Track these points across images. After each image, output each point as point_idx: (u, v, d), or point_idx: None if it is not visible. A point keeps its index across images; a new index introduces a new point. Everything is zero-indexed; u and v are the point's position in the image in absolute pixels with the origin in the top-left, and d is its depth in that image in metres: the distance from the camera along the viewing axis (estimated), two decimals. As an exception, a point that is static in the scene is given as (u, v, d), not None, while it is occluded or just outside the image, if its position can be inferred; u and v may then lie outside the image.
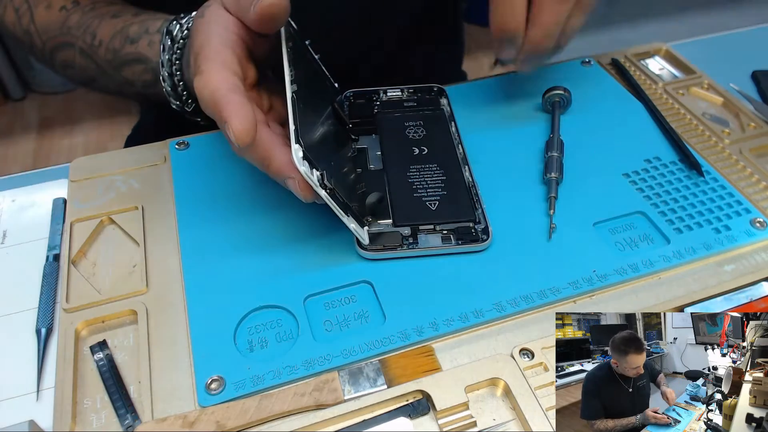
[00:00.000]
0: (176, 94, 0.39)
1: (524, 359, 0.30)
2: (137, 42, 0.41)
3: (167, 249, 0.36)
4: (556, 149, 0.39)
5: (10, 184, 0.43)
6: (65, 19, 0.44)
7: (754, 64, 0.53)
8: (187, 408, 0.28)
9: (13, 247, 0.38)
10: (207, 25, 0.33)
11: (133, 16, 0.42)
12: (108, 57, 0.42)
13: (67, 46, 0.43)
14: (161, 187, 0.39)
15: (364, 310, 0.32)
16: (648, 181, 0.39)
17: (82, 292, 0.33)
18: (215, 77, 0.30)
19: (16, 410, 0.30)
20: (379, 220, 0.35)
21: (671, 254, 0.35)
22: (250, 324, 0.32)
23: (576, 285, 0.33)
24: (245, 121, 0.29)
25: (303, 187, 0.31)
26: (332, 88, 0.42)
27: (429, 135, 0.41)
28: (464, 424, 0.28)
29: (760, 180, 0.39)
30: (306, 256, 0.35)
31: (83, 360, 0.31)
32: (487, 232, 0.35)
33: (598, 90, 0.47)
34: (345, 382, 0.29)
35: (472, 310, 0.32)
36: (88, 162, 0.41)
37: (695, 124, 0.44)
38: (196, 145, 0.42)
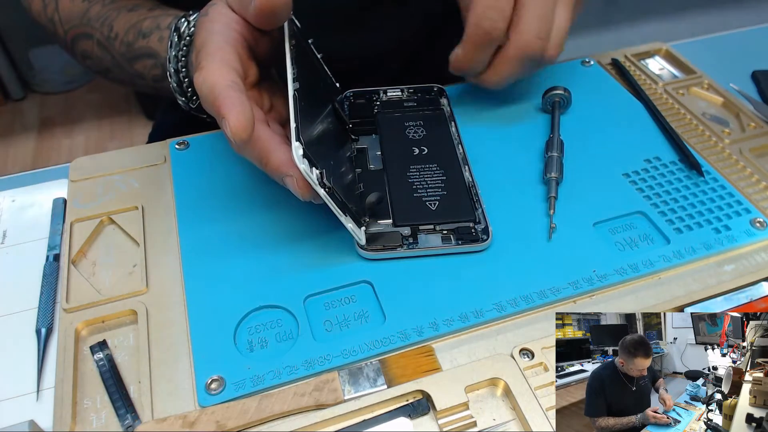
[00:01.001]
0: (182, 90, 0.39)
1: (524, 359, 0.30)
2: (149, 37, 0.41)
3: (167, 249, 0.36)
4: (556, 149, 0.39)
5: (10, 184, 0.43)
6: (86, 10, 0.44)
7: (754, 64, 0.53)
8: (187, 408, 0.28)
9: (13, 247, 0.38)
10: (210, 23, 0.33)
11: (148, 11, 0.43)
12: (122, 50, 0.43)
13: (86, 37, 0.44)
14: (161, 187, 0.39)
15: (364, 310, 0.32)
16: (648, 181, 0.39)
17: (82, 292, 0.33)
18: (214, 73, 0.30)
19: (16, 410, 0.30)
20: (379, 220, 0.35)
21: (671, 254, 0.35)
22: (250, 324, 0.32)
23: (576, 285, 0.33)
24: (242, 117, 0.29)
25: (301, 185, 0.31)
26: (333, 88, 0.42)
27: (429, 135, 0.41)
28: (464, 424, 0.28)
29: (760, 180, 0.39)
30: (306, 256, 0.35)
31: (83, 360, 0.31)
32: (487, 232, 0.35)
33: (598, 90, 0.47)
34: (345, 382, 0.29)
35: (472, 310, 0.32)
36: (88, 162, 0.41)
37: (695, 124, 0.44)
38: (196, 145, 0.42)
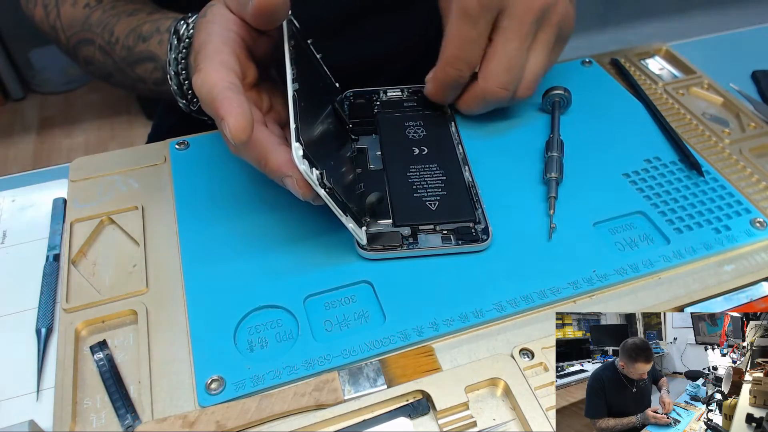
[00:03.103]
0: (182, 93, 0.39)
1: (524, 359, 0.30)
2: (149, 40, 0.41)
3: (167, 249, 0.36)
4: (556, 149, 0.39)
5: (10, 184, 0.43)
6: (88, 16, 0.45)
7: (754, 64, 0.53)
8: (187, 408, 0.28)
9: (13, 247, 0.38)
10: (208, 25, 0.33)
11: (147, 15, 0.43)
12: (123, 54, 0.43)
13: (88, 43, 0.44)
14: (161, 187, 0.39)
15: (364, 310, 0.32)
16: (648, 181, 0.39)
17: (82, 292, 0.33)
18: (212, 75, 0.30)
19: (16, 410, 0.30)
20: (379, 220, 0.35)
21: (671, 254, 0.35)
22: (250, 324, 0.32)
23: (576, 285, 0.33)
24: (241, 118, 0.29)
25: (302, 185, 0.31)
26: (333, 88, 0.42)
27: (429, 135, 0.41)
28: (464, 424, 0.28)
29: (760, 180, 0.39)
30: (306, 256, 0.35)
31: (83, 360, 0.31)
32: (487, 232, 0.35)
33: (598, 90, 0.47)
34: (345, 382, 0.29)
35: (472, 310, 0.32)
36: (88, 162, 0.41)
37: (695, 124, 0.44)
38: (196, 145, 0.42)
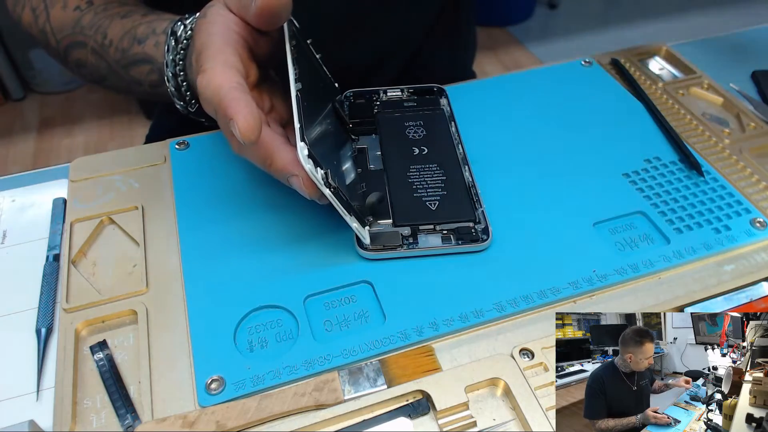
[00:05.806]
0: (180, 95, 0.39)
1: (524, 359, 0.30)
2: (144, 42, 0.41)
3: (167, 249, 0.36)
4: None
5: (10, 184, 0.43)
6: (79, 19, 0.44)
7: (754, 64, 0.53)
8: (187, 408, 0.28)
9: (13, 247, 0.38)
10: (209, 25, 0.33)
11: (141, 17, 0.42)
12: (117, 57, 0.42)
13: (80, 46, 0.44)
14: (161, 187, 0.39)
15: (364, 310, 0.32)
16: (648, 181, 0.39)
17: (82, 292, 0.33)
18: (218, 75, 0.30)
19: (16, 410, 0.30)
20: (379, 220, 0.35)
21: (671, 254, 0.35)
22: (250, 324, 0.32)
23: (576, 285, 0.33)
24: (250, 118, 0.29)
25: (307, 184, 0.31)
26: (332, 88, 0.42)
27: (429, 135, 0.41)
28: (464, 424, 0.28)
29: (760, 180, 0.39)
30: (306, 256, 0.35)
31: (83, 360, 0.31)
32: (487, 232, 0.35)
33: (598, 90, 0.47)
34: (345, 382, 0.29)
35: (472, 310, 0.32)
36: (88, 162, 0.41)
37: (695, 124, 0.44)
38: (196, 145, 0.42)
